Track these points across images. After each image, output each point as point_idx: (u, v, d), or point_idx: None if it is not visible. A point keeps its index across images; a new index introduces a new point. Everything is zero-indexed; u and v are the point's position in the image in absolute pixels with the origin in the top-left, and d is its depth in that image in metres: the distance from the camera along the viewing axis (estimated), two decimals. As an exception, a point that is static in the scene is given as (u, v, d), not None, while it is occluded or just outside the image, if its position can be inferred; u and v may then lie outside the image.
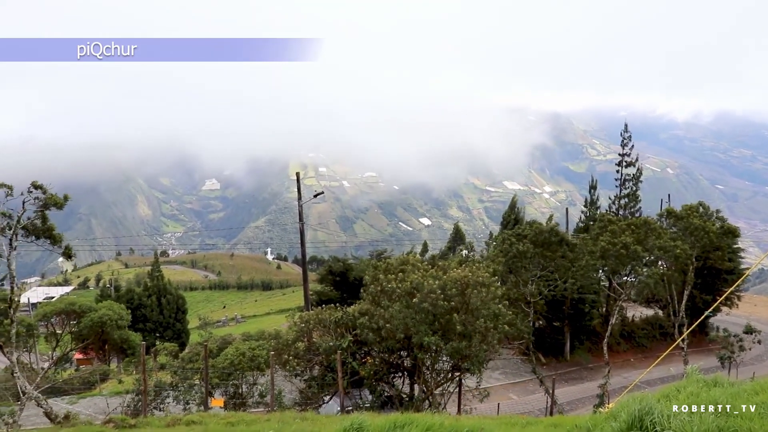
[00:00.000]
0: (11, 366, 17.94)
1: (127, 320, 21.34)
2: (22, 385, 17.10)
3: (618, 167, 48.27)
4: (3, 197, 16.57)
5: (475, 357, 20.85)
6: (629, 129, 47.96)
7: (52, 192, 17.15)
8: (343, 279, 39.60)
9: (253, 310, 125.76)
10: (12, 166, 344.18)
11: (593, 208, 50.58)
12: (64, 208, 17.94)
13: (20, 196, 16.98)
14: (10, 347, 17.64)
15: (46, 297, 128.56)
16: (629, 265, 30.72)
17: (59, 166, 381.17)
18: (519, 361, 40.66)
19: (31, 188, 16.88)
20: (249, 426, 14.81)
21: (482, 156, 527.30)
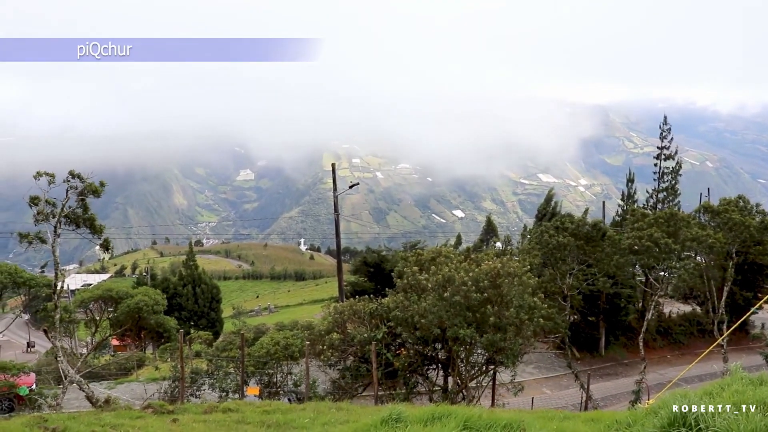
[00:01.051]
0: (55, 350, 18.33)
1: (163, 305, 21.60)
2: (65, 369, 17.45)
3: (656, 160, 47.43)
4: (46, 185, 16.91)
5: (510, 350, 20.71)
6: (668, 121, 47.15)
7: (90, 181, 17.43)
8: (378, 270, 39.62)
9: (285, 301, 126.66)
10: (53, 156, 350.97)
11: (630, 201, 49.83)
12: (102, 197, 18.23)
13: (61, 184, 17.32)
14: (54, 332, 18.02)
15: (84, 284, 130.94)
16: (663, 260, 30.23)
17: (96, 156, 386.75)
18: (553, 355, 40.34)
19: (69, 177, 17.16)
20: (285, 415, 14.89)
21: (517, 148, 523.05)
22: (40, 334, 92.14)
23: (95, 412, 16.33)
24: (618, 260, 30.87)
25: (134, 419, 14.45)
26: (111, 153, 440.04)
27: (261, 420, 14.49)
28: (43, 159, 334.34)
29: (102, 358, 45.35)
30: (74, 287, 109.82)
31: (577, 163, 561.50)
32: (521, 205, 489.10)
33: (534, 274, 24.62)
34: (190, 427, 13.47)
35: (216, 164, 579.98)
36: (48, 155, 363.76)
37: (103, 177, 18.41)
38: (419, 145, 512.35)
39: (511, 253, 32.08)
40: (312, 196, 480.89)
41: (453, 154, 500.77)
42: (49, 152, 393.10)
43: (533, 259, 29.55)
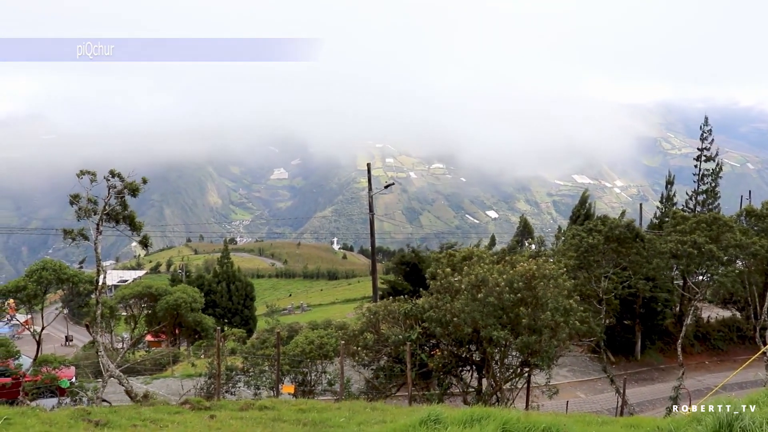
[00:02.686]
0: (96, 345, 18.68)
1: (200, 303, 21.90)
2: (105, 363, 17.76)
3: (696, 162, 46.65)
4: (87, 183, 17.22)
5: (545, 352, 20.54)
6: (709, 122, 46.33)
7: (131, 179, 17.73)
8: (414, 270, 39.61)
9: (318, 299, 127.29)
10: (92, 154, 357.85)
11: (669, 204, 49.07)
12: (139, 195, 18.52)
13: (102, 181, 17.65)
14: (95, 327, 18.36)
15: (120, 280, 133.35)
16: (703, 265, 29.69)
17: (134, 154, 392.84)
18: (587, 359, 39.93)
19: (109, 176, 17.46)
20: (320, 413, 14.97)
21: (552, 148, 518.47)
22: (77, 328, 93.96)
23: (135, 407, 16.59)
24: (657, 264, 30.42)
25: (172, 414, 14.65)
26: (148, 151, 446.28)
27: (297, 418, 14.58)
28: (83, 157, 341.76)
29: (137, 354, 45.98)
30: (111, 283, 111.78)
31: (613, 163, 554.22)
32: (555, 207, 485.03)
33: (569, 276, 24.39)
34: (227, 424, 13.61)
35: (250, 163, 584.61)
36: (88, 153, 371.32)
37: (140, 175, 18.71)
38: (455, 145, 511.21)
39: (546, 255, 31.76)
40: (345, 195, 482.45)
41: (490, 153, 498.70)
42: (88, 150, 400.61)
43: (568, 261, 29.27)
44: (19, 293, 18.28)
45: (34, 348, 21.81)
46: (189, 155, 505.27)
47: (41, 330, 20.30)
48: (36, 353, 20.31)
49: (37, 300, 18.89)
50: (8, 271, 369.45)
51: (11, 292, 18.40)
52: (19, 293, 18.28)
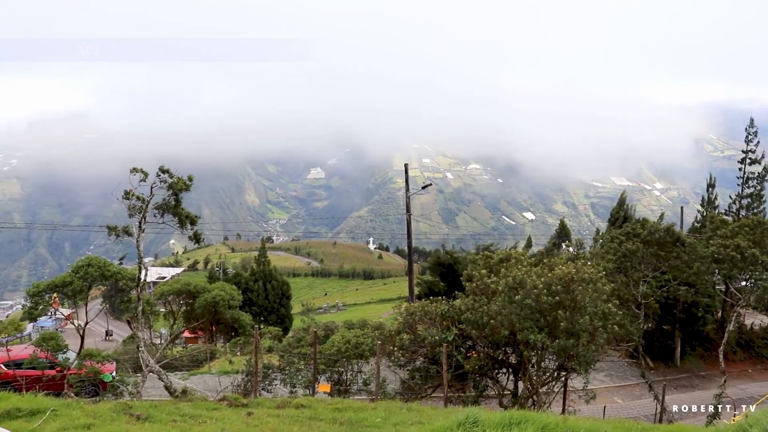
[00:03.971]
0: (136, 340, 19.02)
1: (239, 301, 22.14)
2: (145, 358, 18.07)
3: (740, 164, 45.62)
4: (133, 180, 17.58)
5: (583, 357, 20.32)
6: (755, 123, 45.30)
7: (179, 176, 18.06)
8: (450, 271, 39.52)
9: (353, 299, 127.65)
10: (133, 152, 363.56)
11: (710, 207, 48.08)
12: (188, 191, 18.85)
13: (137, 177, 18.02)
14: (136, 323, 18.70)
15: (158, 277, 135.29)
16: (746, 270, 29.05)
17: (173, 152, 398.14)
18: (625, 364, 39.40)
19: (159, 172, 17.80)
20: (356, 413, 15.03)
21: (592, 150, 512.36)
22: (117, 323, 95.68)
23: (173, 402, 16.84)
24: (698, 268, 29.88)
25: (210, 410, 14.84)
26: (187, 149, 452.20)
27: (333, 417, 14.67)
28: (124, 155, 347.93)
29: (175, 350, 46.63)
30: (150, 280, 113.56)
31: (652, 165, 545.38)
32: (593, 209, 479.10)
33: (607, 280, 24.09)
34: (265, 421, 13.73)
35: (287, 162, 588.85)
36: (128, 151, 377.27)
37: (179, 173, 19.04)
38: (497, 145, 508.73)
39: (584, 258, 31.39)
40: (382, 195, 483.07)
41: (528, 154, 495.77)
42: (129, 149, 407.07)
43: (607, 264, 28.91)
44: (65, 288, 18.69)
45: (76, 341, 22.29)
46: (227, 154, 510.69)
47: (85, 324, 20.73)
48: (80, 347, 20.73)
49: (81, 295, 19.31)
50: (52, 266, 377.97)
51: (58, 287, 18.82)
52: (65, 288, 18.69)
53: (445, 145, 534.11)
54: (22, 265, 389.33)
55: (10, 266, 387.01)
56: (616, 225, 48.17)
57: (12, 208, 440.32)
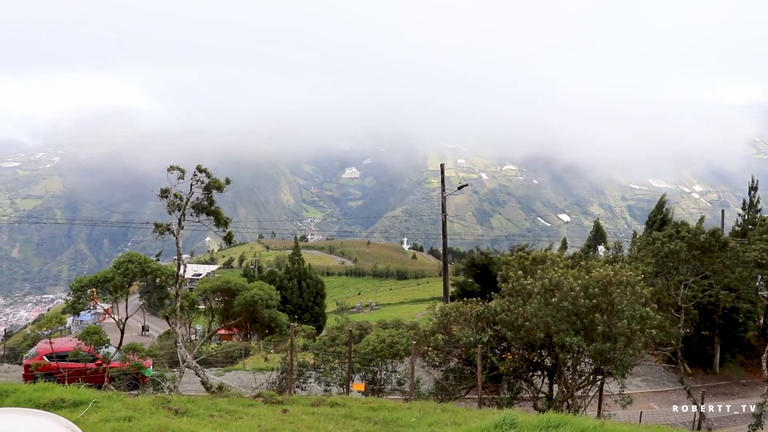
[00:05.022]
0: (174, 336, 19.32)
1: (276, 300, 22.34)
2: (183, 354, 18.34)
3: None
4: (171, 178, 17.87)
5: (619, 361, 20.09)
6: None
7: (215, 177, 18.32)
8: (485, 272, 39.37)
9: (387, 299, 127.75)
10: (170, 151, 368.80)
11: (752, 211, 47.12)
12: (223, 191, 19.10)
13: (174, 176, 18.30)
14: (174, 319, 19.00)
15: (194, 274, 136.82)
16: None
17: (210, 151, 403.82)
18: (662, 369, 38.82)
19: (196, 171, 18.06)
20: (391, 412, 15.06)
21: (631, 152, 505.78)
22: (153, 319, 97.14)
23: (210, 397, 17.06)
24: (740, 273, 29.34)
25: (246, 407, 14.99)
26: (223, 148, 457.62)
27: (368, 416, 14.71)
28: (161, 154, 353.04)
29: (210, 346, 47.19)
30: (186, 276, 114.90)
31: (691, 167, 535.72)
32: (630, 211, 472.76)
33: (646, 283, 23.78)
34: (300, 419, 13.83)
35: (323, 162, 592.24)
36: (165, 150, 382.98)
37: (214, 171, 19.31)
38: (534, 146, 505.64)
39: (622, 261, 30.98)
40: (416, 195, 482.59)
41: (566, 155, 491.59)
42: (166, 147, 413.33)
43: (646, 268, 28.53)
44: (106, 284, 19.06)
45: (113, 336, 22.72)
46: (263, 153, 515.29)
47: (125, 320, 21.13)
48: (120, 341, 21.13)
49: (122, 291, 19.68)
50: (91, 261, 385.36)
51: (100, 282, 19.21)
52: (106, 284, 19.06)
53: (480, 146, 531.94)
54: (63, 260, 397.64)
55: (52, 261, 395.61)
56: (653, 228, 47.53)
57: (54, 204, 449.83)
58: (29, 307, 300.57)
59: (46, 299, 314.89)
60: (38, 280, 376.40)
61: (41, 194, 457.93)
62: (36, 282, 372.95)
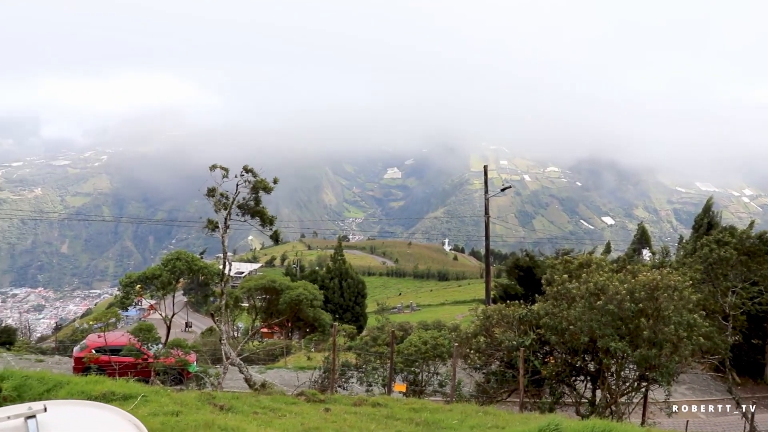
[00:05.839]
0: (219, 333, 19.59)
1: (320, 300, 22.52)
2: (227, 351, 18.58)
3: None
4: (220, 178, 18.12)
5: (665, 368, 19.72)
6: None
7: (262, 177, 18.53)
8: (528, 274, 39.03)
9: (428, 300, 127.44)
10: (216, 149, 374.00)
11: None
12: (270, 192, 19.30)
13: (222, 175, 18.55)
14: (219, 317, 19.28)
15: (237, 272, 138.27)
16: None
17: (254, 150, 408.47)
18: (709, 377, 37.95)
19: (243, 172, 18.29)
20: (432, 414, 15.05)
21: (679, 153, 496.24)
22: (196, 315, 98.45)
23: (253, 395, 17.27)
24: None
25: (289, 404, 15.12)
26: (267, 148, 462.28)
27: (409, 417, 14.72)
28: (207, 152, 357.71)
29: (252, 344, 47.66)
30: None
31: (740, 171, 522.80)
32: (676, 215, 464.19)
33: (693, 289, 23.30)
34: (342, 418, 13.90)
35: (365, 162, 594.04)
36: (212, 149, 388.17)
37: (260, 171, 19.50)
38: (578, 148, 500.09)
39: (670, 266, 30.40)
40: (458, 196, 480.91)
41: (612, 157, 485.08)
42: (212, 146, 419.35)
43: (694, 273, 27.96)
44: (154, 280, 19.43)
45: (158, 332, 23.14)
46: (306, 153, 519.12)
47: (172, 316, 21.48)
48: (166, 337, 21.51)
49: (169, 288, 20.03)
50: (136, 258, 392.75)
51: (148, 278, 19.60)
52: (154, 280, 19.43)
53: (523, 147, 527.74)
54: (110, 257, 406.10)
55: (99, 257, 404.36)
56: (700, 232, 46.53)
57: (101, 201, 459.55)
58: (77, 301, 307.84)
59: (94, 294, 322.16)
60: (86, 275, 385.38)
61: (90, 192, 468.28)
62: (84, 277, 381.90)
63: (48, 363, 29.77)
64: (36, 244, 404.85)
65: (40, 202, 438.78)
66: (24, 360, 29.94)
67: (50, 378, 10.90)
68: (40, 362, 29.87)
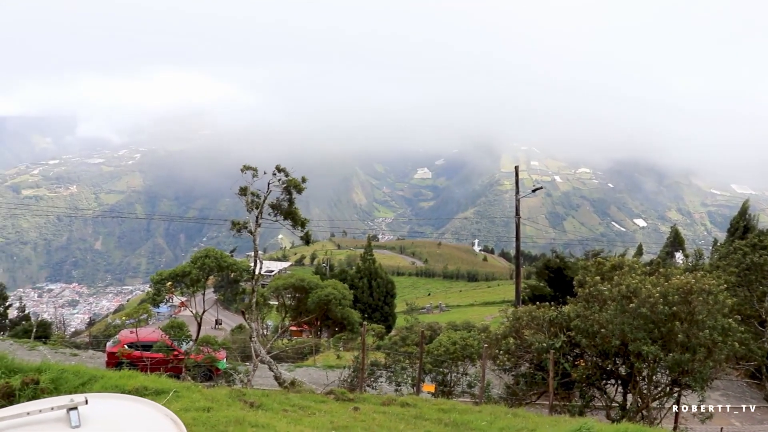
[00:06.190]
0: (249, 331, 19.75)
1: (349, 299, 22.61)
2: (257, 349, 18.72)
3: None
4: (251, 178, 18.27)
5: (699, 373, 19.41)
6: None
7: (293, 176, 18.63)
8: (559, 276, 38.66)
9: (457, 300, 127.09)
10: (247, 148, 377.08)
11: None
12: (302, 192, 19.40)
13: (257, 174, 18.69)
14: (250, 314, 19.43)
15: (266, 270, 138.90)
16: None
17: (285, 150, 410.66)
18: (744, 384, 37.26)
19: (275, 171, 18.41)
20: (461, 415, 15.01)
21: (708, 155, 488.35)
22: (226, 313, 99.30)
23: (283, 392, 17.36)
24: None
25: (318, 403, 15.19)
26: (298, 147, 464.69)
27: (438, 417, 14.71)
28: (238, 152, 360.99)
29: (280, 342, 47.90)
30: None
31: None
32: (710, 217, 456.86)
33: (728, 294, 22.90)
34: (371, 417, 13.93)
35: (395, 162, 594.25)
36: (242, 148, 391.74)
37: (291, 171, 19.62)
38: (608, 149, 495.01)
39: (703, 269, 29.89)
40: (488, 197, 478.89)
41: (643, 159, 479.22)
42: (243, 145, 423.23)
43: (728, 277, 27.48)
44: (185, 277, 19.65)
45: (189, 329, 23.38)
46: (336, 153, 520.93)
47: (203, 313, 21.71)
48: (197, 334, 21.73)
49: (199, 285, 20.24)
50: (168, 255, 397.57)
51: (178, 276, 19.84)
52: (185, 277, 19.65)
53: (555, 148, 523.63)
54: (142, 254, 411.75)
55: (131, 254, 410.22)
56: (735, 236, 45.75)
57: (134, 199, 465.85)
58: (110, 297, 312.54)
59: (126, 290, 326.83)
60: (119, 271, 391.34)
61: (123, 189, 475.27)
62: (117, 273, 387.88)
63: (82, 357, 30.23)
64: (71, 241, 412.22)
65: (75, 199, 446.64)
66: (59, 354, 30.44)
67: (85, 372, 11.11)
68: (75, 356, 30.34)
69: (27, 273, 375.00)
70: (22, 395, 9.33)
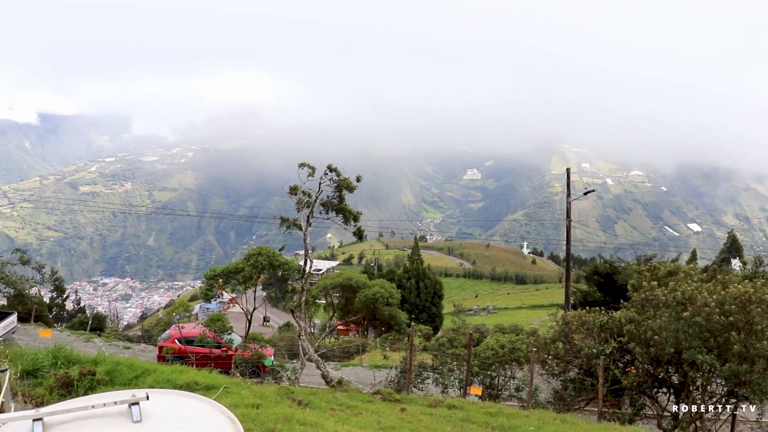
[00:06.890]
0: (298, 329, 19.91)
1: (397, 299, 22.57)
2: (305, 347, 18.86)
3: None
4: (304, 176, 18.42)
5: (757, 384, 18.83)
6: None
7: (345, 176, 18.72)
8: (608, 281, 37.99)
9: (504, 303, 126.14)
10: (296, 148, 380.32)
11: None
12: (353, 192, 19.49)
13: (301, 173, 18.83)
14: (299, 313, 19.58)
15: (315, 269, 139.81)
16: None
17: (335, 149, 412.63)
18: (804, 396, 36.03)
19: (327, 171, 18.53)
20: (508, 419, 14.87)
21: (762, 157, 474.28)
22: (273, 310, 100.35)
23: (330, 391, 17.45)
24: None
25: (365, 402, 15.22)
26: (348, 147, 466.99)
27: (485, 421, 14.60)
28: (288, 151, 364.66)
29: (328, 340, 48.19)
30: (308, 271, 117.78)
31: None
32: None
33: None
34: (418, 419, 13.90)
35: (444, 162, 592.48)
36: (292, 148, 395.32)
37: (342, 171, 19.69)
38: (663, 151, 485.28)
39: (764, 277, 29.00)
40: (538, 199, 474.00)
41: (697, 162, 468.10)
42: (293, 145, 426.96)
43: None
44: (237, 274, 19.91)
45: (237, 324, 23.65)
46: (385, 153, 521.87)
47: (253, 310, 21.99)
48: (246, 330, 22.01)
49: (250, 282, 20.50)
50: (218, 252, 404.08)
51: (231, 272, 20.11)
52: (237, 274, 19.91)
53: (606, 150, 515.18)
54: (192, 250, 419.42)
55: (183, 251, 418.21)
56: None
57: (186, 197, 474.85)
58: (161, 292, 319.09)
59: (177, 286, 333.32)
60: (170, 267, 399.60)
61: (176, 187, 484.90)
62: (168, 269, 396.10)
63: (135, 350, 30.88)
64: (125, 236, 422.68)
65: (129, 196, 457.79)
66: (113, 346, 31.16)
67: (139, 365, 11.35)
68: (128, 349, 31.02)
69: (83, 267, 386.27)
70: (80, 385, 9.61)
